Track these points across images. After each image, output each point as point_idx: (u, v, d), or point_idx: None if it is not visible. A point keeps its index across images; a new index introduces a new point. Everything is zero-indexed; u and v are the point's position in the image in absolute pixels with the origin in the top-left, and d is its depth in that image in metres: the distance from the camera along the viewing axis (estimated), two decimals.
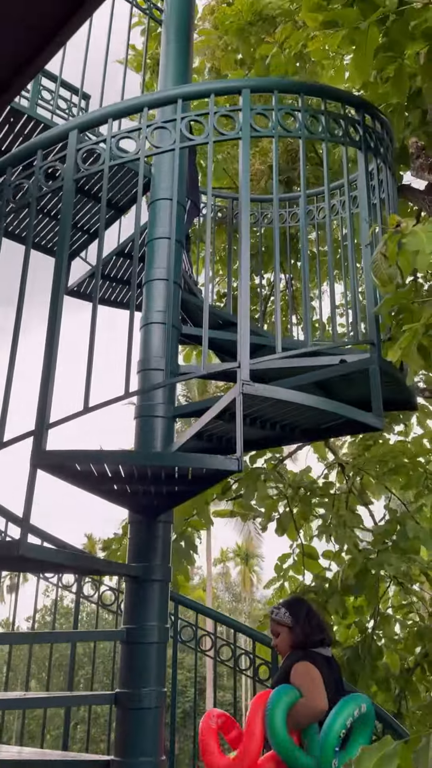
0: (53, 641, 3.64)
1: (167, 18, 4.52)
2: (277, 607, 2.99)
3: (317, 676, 2.70)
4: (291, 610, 2.93)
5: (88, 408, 2.33)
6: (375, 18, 2.61)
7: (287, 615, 2.92)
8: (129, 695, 3.16)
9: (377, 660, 3.90)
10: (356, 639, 3.89)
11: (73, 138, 2.68)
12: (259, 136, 2.82)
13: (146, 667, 3.21)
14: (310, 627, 2.89)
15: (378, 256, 2.37)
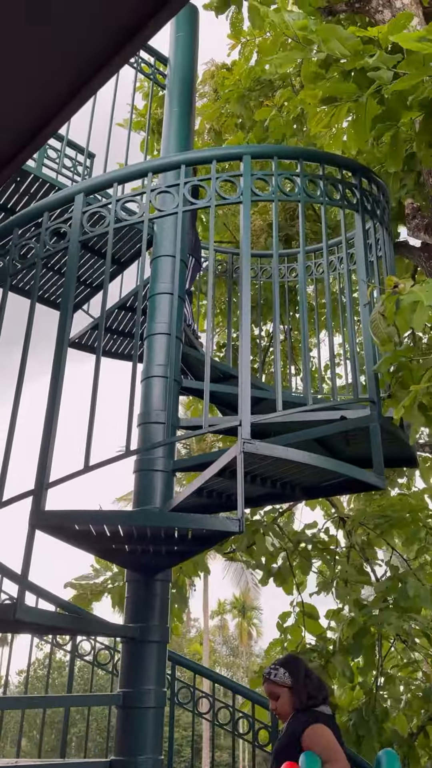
0: (46, 706, 3.52)
1: (170, 83, 4.71)
2: (274, 668, 2.81)
3: (333, 738, 2.59)
4: (289, 669, 2.77)
5: (89, 467, 2.33)
6: (372, 91, 2.72)
7: (286, 675, 2.76)
8: (125, 763, 3.05)
9: (383, 722, 3.77)
10: (361, 701, 3.77)
11: (79, 201, 2.76)
12: (259, 200, 2.90)
13: (143, 733, 3.12)
14: (312, 685, 2.75)
15: (376, 316, 2.42)
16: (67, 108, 1.56)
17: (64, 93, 1.52)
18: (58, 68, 1.48)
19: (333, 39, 2.61)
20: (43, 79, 1.51)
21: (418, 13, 3.30)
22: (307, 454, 2.52)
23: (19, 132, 1.63)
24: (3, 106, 1.58)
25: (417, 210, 3.67)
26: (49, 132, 1.63)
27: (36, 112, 1.59)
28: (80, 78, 1.49)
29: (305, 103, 3.65)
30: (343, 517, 4.22)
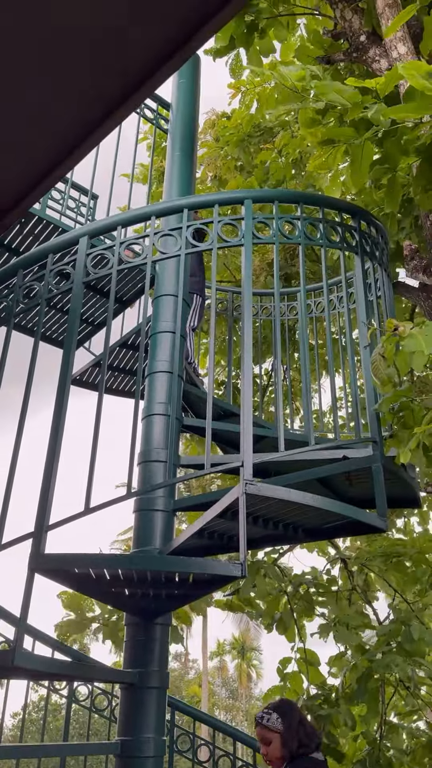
0: (42, 755, 3.41)
1: (173, 127, 4.83)
2: (267, 712, 2.72)
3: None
4: (282, 715, 2.68)
5: (89, 509, 2.31)
6: (370, 135, 2.79)
7: (279, 721, 2.67)
8: None
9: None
10: (364, 751, 3.65)
11: (83, 244, 2.80)
12: (260, 243, 2.95)
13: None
14: (305, 732, 2.67)
15: (377, 357, 2.43)
16: (73, 155, 1.59)
17: (70, 140, 1.56)
18: (66, 116, 1.51)
19: (331, 92, 2.68)
20: (51, 126, 1.54)
21: None
22: (310, 495, 2.50)
23: (27, 177, 1.66)
24: (10, 151, 1.61)
25: (415, 251, 3.72)
26: (55, 178, 1.66)
27: (43, 158, 1.62)
28: (87, 126, 1.52)
29: (304, 144, 3.74)
30: (343, 557, 4.17)
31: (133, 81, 1.38)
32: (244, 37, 3.93)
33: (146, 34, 1.29)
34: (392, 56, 3.46)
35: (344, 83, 2.71)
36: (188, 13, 1.26)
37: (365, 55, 3.85)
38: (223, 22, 1.32)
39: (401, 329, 2.32)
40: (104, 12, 1.20)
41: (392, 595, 4.24)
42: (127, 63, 1.35)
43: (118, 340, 5.01)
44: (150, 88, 1.40)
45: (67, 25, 1.23)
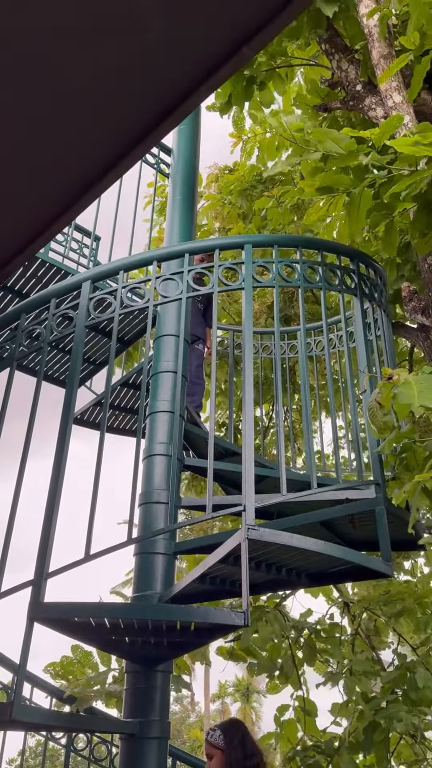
0: None
1: (174, 173, 4.93)
2: (213, 729, 2.88)
3: None
4: (225, 733, 2.81)
5: (89, 556, 2.28)
6: (366, 183, 2.85)
7: (221, 738, 2.79)
8: None
9: None
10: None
11: (86, 288, 2.83)
12: (260, 287, 2.98)
13: None
14: (243, 752, 2.77)
15: (374, 404, 2.43)
16: (77, 204, 1.62)
17: (74, 190, 1.59)
18: (70, 167, 1.54)
19: (328, 140, 2.75)
20: (56, 176, 1.57)
21: (409, 111, 3.49)
22: (313, 540, 2.48)
23: (32, 224, 1.69)
24: (15, 199, 1.64)
25: (413, 293, 3.76)
26: (60, 224, 1.68)
27: (48, 207, 1.65)
28: (90, 176, 1.55)
29: (303, 193, 3.81)
30: (347, 602, 4.10)
31: (136, 132, 1.42)
32: (242, 95, 4.05)
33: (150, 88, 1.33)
34: (387, 105, 3.56)
35: (342, 131, 2.78)
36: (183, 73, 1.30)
37: (361, 104, 3.95)
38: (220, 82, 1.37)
39: (395, 378, 2.33)
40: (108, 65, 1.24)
41: (397, 641, 4.15)
42: (130, 116, 1.39)
43: (120, 379, 5.03)
44: (152, 140, 1.43)
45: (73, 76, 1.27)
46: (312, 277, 3.16)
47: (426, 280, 3.51)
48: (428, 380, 2.48)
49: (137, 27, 1.22)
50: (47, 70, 1.27)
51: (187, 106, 1.41)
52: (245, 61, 1.39)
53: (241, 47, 1.34)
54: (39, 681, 4.07)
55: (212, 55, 1.32)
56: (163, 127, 1.44)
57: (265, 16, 1.28)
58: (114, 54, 1.27)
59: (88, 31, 1.21)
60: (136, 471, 2.57)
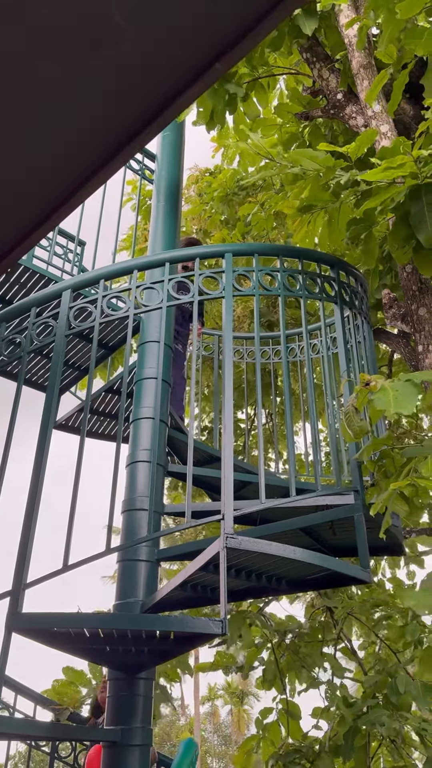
0: None
1: (157, 179, 4.95)
2: None
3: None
4: None
5: (68, 566, 2.29)
6: (344, 200, 2.88)
7: None
8: None
9: None
10: None
11: (66, 297, 2.84)
12: (241, 296, 3.00)
13: None
14: None
15: (350, 408, 2.46)
16: (59, 211, 1.63)
17: (56, 198, 1.60)
18: (52, 173, 1.55)
19: (304, 159, 2.78)
20: (38, 183, 1.58)
21: (389, 120, 3.53)
22: (291, 548, 2.50)
23: (13, 231, 1.69)
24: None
25: (393, 300, 3.80)
26: (44, 231, 1.69)
27: (30, 213, 1.66)
28: (73, 183, 1.56)
29: (285, 202, 3.84)
30: (330, 606, 4.13)
31: (123, 137, 1.43)
32: (224, 112, 4.08)
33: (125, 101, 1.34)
34: (367, 114, 3.60)
35: (318, 147, 2.81)
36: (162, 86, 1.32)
37: (342, 112, 3.99)
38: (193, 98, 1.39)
39: (373, 384, 2.36)
40: (84, 68, 1.26)
41: (378, 645, 4.18)
42: (112, 122, 1.40)
43: (104, 385, 5.03)
44: (137, 145, 1.45)
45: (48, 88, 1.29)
46: (293, 285, 3.19)
47: (405, 288, 3.55)
48: (404, 388, 2.51)
49: (110, 41, 1.24)
50: (22, 81, 1.28)
51: (159, 122, 1.43)
52: (218, 76, 1.42)
53: (214, 63, 1.36)
54: (24, 689, 4.07)
55: (185, 71, 1.34)
56: (137, 142, 1.45)
57: (237, 33, 1.31)
58: (88, 67, 1.29)
59: (62, 45, 1.23)
60: (115, 477, 2.58)
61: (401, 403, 2.35)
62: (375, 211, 2.81)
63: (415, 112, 4.02)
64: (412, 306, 3.51)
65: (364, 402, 2.56)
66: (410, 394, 2.37)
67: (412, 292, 3.49)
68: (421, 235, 2.96)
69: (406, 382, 2.53)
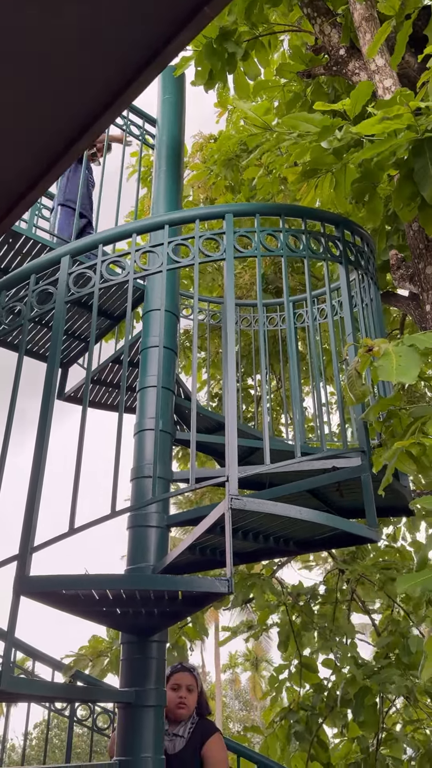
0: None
1: (158, 143, 4.86)
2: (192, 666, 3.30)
3: None
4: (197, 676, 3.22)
5: (74, 529, 2.30)
6: (346, 161, 2.80)
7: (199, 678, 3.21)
8: None
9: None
10: (359, 756, 3.62)
11: (65, 263, 2.81)
12: (242, 257, 2.96)
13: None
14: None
15: (352, 373, 2.42)
16: (54, 169, 1.59)
17: (52, 154, 1.56)
18: (44, 129, 1.51)
19: (301, 123, 2.70)
20: (30, 141, 1.54)
21: (393, 75, 3.42)
22: (297, 508, 2.49)
23: (7, 194, 1.66)
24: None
25: (401, 260, 3.73)
26: (38, 192, 1.66)
27: (24, 174, 1.63)
28: (66, 138, 1.52)
29: (291, 161, 3.76)
30: (342, 569, 4.15)
31: (113, 89, 1.39)
32: (224, 70, 3.97)
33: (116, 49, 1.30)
34: (371, 69, 3.49)
35: (315, 106, 2.73)
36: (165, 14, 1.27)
37: (345, 69, 3.88)
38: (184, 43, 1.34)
39: (376, 349, 2.32)
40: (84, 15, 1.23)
41: (391, 607, 4.21)
42: (106, 73, 1.36)
43: (111, 355, 5.02)
44: (129, 97, 1.40)
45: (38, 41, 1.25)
46: (296, 246, 3.13)
47: (412, 247, 3.48)
48: (408, 354, 2.46)
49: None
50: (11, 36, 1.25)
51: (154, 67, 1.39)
52: (208, 21, 1.37)
53: (203, 7, 1.32)
54: (40, 654, 4.15)
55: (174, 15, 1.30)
56: (133, 89, 1.41)
57: None
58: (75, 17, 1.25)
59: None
60: (119, 446, 2.58)
61: (404, 371, 2.30)
62: (371, 163, 2.73)
63: (420, 65, 3.89)
64: (419, 265, 3.44)
65: (366, 366, 2.52)
66: (413, 361, 2.31)
67: (418, 250, 3.42)
68: (425, 192, 2.89)
69: (410, 347, 2.48)
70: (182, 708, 3.21)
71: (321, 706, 3.75)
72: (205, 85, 3.96)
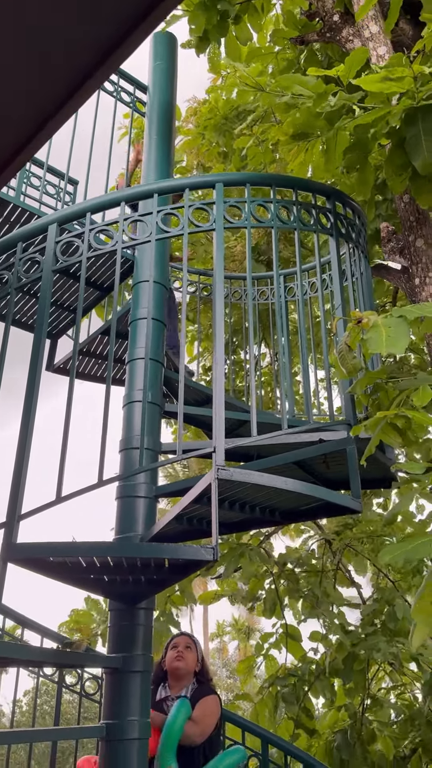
0: (32, 740, 3.47)
1: (150, 110, 4.77)
2: (193, 635, 3.52)
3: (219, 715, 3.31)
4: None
5: (61, 498, 2.32)
6: (339, 126, 2.77)
7: (199, 646, 3.43)
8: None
9: (370, 745, 3.72)
10: (346, 723, 3.72)
11: (52, 231, 2.78)
12: (232, 228, 2.93)
13: (127, 766, 3.06)
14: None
15: (343, 347, 2.43)
16: (41, 133, 1.56)
17: (40, 117, 1.53)
18: (33, 91, 1.48)
19: (294, 85, 2.66)
20: (17, 104, 1.51)
21: (386, 42, 3.36)
22: (282, 479, 2.52)
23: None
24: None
25: (392, 233, 3.71)
26: (25, 157, 1.62)
27: (11, 135, 1.59)
28: (54, 100, 1.49)
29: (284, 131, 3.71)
30: (328, 539, 4.21)
31: (103, 48, 1.35)
32: (217, 30, 3.88)
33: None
34: (364, 36, 3.43)
35: (308, 71, 2.68)
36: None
37: (339, 35, 3.81)
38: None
39: (365, 321, 2.32)
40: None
41: (377, 576, 4.28)
42: (98, 29, 1.32)
43: (100, 327, 4.99)
44: (120, 56, 1.37)
45: None
46: (287, 218, 3.10)
47: (403, 220, 3.46)
48: (397, 325, 2.47)
49: None
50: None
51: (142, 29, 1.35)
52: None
53: None
54: (29, 621, 4.20)
55: None
56: (124, 47, 1.37)
57: None
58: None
59: None
60: (106, 416, 2.58)
61: (393, 342, 2.31)
62: (368, 133, 2.70)
63: (415, 33, 3.83)
64: (409, 237, 3.43)
65: (357, 340, 2.52)
66: (402, 332, 2.32)
67: (409, 223, 3.40)
68: (417, 162, 2.86)
69: (399, 318, 2.48)
70: (180, 660, 3.38)
71: (309, 676, 3.84)
72: (196, 48, 3.88)
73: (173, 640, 3.59)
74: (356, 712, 3.63)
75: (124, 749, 3.07)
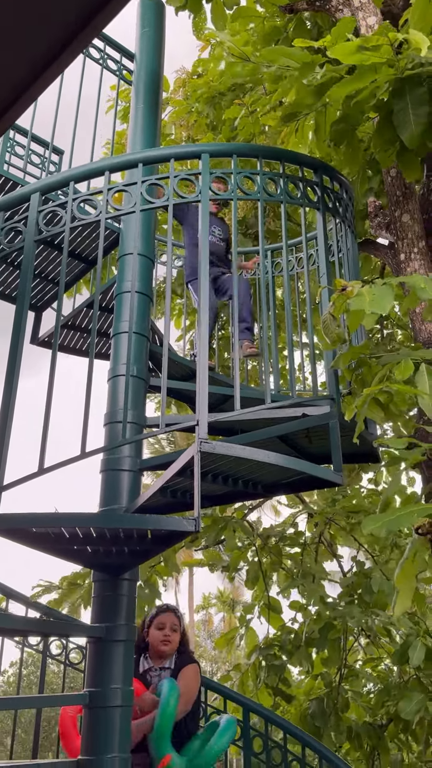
0: (16, 707, 3.52)
1: (137, 79, 4.68)
2: (177, 609, 3.54)
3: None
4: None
5: (43, 469, 2.32)
6: (328, 100, 2.73)
7: (182, 620, 3.49)
8: (92, 762, 3.05)
9: (344, 713, 3.82)
10: (322, 691, 3.82)
11: (35, 201, 2.74)
12: (217, 199, 2.90)
13: (110, 732, 3.11)
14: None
15: (327, 317, 2.43)
16: (22, 99, 1.52)
17: (19, 83, 1.49)
18: (10, 56, 1.44)
19: (281, 57, 2.61)
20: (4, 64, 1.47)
21: (376, 12, 3.31)
22: (264, 452, 2.54)
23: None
24: None
25: (379, 208, 3.70)
26: (5, 123, 1.59)
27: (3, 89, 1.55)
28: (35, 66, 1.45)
29: (275, 101, 3.65)
30: (311, 513, 4.26)
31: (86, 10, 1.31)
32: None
33: None
34: (354, 5, 3.37)
35: (294, 42, 2.63)
36: None
37: (328, 4, 3.74)
38: None
39: (349, 289, 2.32)
40: None
41: (357, 549, 4.35)
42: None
43: (85, 300, 4.95)
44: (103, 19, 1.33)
45: None
46: (273, 190, 3.08)
47: (389, 194, 3.45)
48: (381, 290, 2.47)
49: None
50: None
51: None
52: None
53: None
54: (13, 593, 4.23)
55: None
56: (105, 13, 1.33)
57: None
58: None
59: None
60: (89, 391, 2.57)
61: (377, 303, 2.32)
62: (352, 102, 2.67)
63: (405, 3, 3.76)
64: (395, 213, 3.41)
65: (342, 309, 2.52)
66: (386, 294, 2.33)
67: (395, 197, 3.39)
68: (404, 135, 2.84)
69: (383, 285, 2.49)
70: (166, 645, 3.41)
71: (289, 645, 3.92)
72: (179, 8, 3.78)
73: (159, 617, 3.57)
74: (332, 681, 3.72)
75: (107, 716, 3.12)
